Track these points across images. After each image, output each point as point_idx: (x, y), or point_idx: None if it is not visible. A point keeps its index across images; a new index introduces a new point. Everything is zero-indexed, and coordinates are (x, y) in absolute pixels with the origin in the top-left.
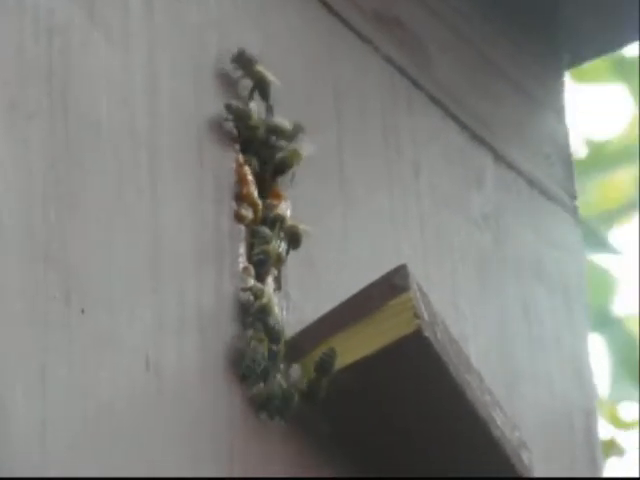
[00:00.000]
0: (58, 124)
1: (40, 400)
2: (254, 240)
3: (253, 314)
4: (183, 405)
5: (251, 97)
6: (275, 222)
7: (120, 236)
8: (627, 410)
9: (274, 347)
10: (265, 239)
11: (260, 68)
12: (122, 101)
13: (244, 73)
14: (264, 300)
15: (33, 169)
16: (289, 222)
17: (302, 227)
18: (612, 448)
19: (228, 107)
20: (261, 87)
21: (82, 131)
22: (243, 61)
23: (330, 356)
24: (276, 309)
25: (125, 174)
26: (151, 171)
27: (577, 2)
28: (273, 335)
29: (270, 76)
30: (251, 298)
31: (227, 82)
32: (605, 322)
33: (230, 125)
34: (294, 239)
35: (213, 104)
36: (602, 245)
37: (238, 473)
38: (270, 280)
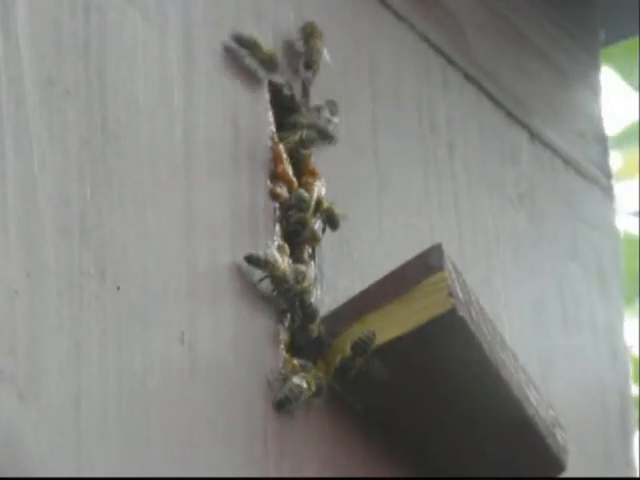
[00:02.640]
0: (94, 100)
1: (75, 376)
2: (291, 210)
3: (292, 296)
4: (217, 380)
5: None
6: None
7: (155, 213)
8: None
9: (310, 326)
10: (302, 207)
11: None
12: (158, 78)
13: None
14: (305, 284)
15: (69, 145)
16: (326, 204)
17: (338, 211)
18: None
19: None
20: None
21: (118, 107)
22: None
23: (370, 338)
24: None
25: (160, 151)
26: (186, 148)
27: None
28: (309, 314)
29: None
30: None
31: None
32: None
33: (266, 103)
34: (332, 220)
35: (249, 82)
36: None
37: (271, 450)
38: (311, 262)
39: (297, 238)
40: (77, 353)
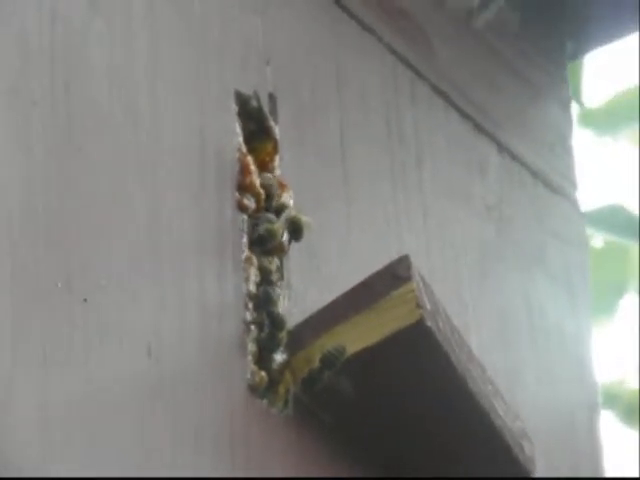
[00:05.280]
0: (60, 110)
1: (42, 386)
2: (259, 220)
3: (259, 304)
4: (184, 391)
5: None
6: (280, 210)
7: (121, 224)
8: None
9: (278, 334)
10: (271, 218)
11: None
12: (124, 88)
13: None
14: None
15: (35, 155)
16: (292, 213)
17: (305, 219)
18: None
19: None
20: None
21: (84, 117)
22: None
23: (340, 352)
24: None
25: (126, 162)
26: (153, 159)
27: None
28: (276, 323)
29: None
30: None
31: (230, 69)
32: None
33: (234, 114)
34: (296, 230)
35: (216, 91)
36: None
37: (239, 459)
38: (278, 273)
39: (264, 246)
40: (44, 364)
